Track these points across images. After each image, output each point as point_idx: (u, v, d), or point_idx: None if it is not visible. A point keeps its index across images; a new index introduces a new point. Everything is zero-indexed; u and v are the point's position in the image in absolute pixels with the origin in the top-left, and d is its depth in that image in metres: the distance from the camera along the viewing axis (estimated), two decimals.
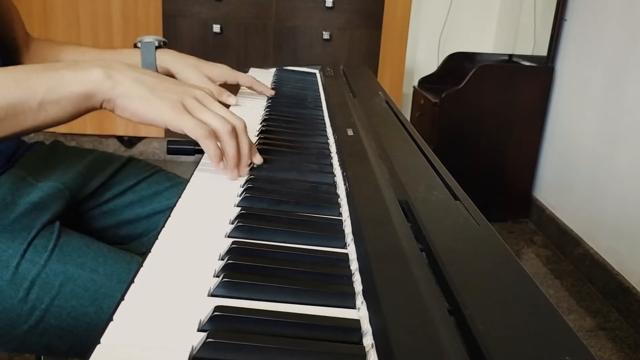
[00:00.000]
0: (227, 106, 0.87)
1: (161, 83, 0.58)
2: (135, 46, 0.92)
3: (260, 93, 1.02)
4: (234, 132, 0.60)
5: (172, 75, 0.93)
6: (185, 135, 0.61)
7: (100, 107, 0.57)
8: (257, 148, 0.68)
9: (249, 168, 0.63)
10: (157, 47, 0.92)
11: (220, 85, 0.95)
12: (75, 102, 0.55)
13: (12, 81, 0.53)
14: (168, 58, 0.92)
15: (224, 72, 0.96)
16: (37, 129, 0.56)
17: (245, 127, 0.62)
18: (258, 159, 0.65)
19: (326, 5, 2.55)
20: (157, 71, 0.90)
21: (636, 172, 1.76)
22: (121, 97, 0.56)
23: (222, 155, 0.60)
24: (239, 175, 0.62)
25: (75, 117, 0.57)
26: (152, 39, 0.92)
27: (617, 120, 1.89)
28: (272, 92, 1.04)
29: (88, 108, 0.57)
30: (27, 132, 0.56)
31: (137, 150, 2.90)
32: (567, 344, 0.33)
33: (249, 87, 1.01)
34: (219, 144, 0.59)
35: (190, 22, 2.54)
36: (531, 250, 2.22)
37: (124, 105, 0.56)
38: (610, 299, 1.86)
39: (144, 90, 0.56)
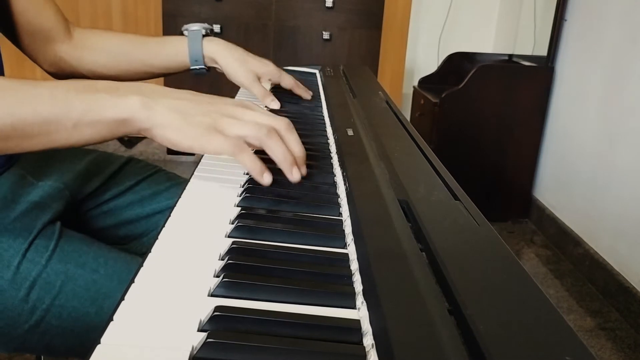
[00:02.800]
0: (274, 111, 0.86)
1: (194, 107, 0.57)
2: (182, 34, 0.92)
3: (299, 95, 1.01)
4: (274, 132, 0.57)
5: (218, 66, 0.92)
6: None
7: (138, 133, 0.57)
8: (257, 148, 0.68)
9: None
10: (204, 36, 0.91)
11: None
12: (110, 126, 0.54)
13: (49, 98, 0.52)
14: (215, 48, 0.91)
15: (269, 71, 0.95)
16: (70, 147, 0.56)
17: (290, 124, 0.59)
18: (304, 170, 0.61)
19: (326, 5, 2.55)
20: (203, 60, 0.91)
21: (636, 172, 1.76)
22: (157, 127, 0.55)
23: (263, 166, 0.57)
24: (302, 175, 0.59)
25: (108, 140, 0.57)
26: (198, 27, 0.91)
27: (617, 120, 1.89)
28: (310, 95, 1.03)
29: (124, 133, 0.56)
30: (60, 148, 0.55)
31: (137, 150, 2.90)
32: (567, 344, 0.33)
33: (290, 89, 1.00)
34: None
35: (190, 22, 2.54)
36: (531, 250, 2.22)
37: (161, 135, 0.56)
38: (610, 299, 1.86)
39: (177, 119, 0.55)
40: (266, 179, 0.57)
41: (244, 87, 0.94)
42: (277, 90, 1.08)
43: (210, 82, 2.31)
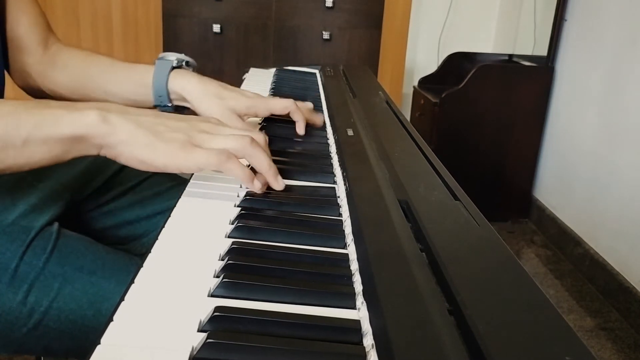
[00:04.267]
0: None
1: (163, 122, 0.53)
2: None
3: (310, 120, 0.83)
4: (255, 142, 0.55)
5: (189, 105, 0.79)
6: None
7: (99, 155, 0.53)
8: None
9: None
10: (174, 67, 0.78)
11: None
12: (64, 144, 0.50)
13: None
14: (184, 83, 0.76)
15: (252, 105, 0.77)
16: (21, 169, 0.52)
17: (266, 137, 0.58)
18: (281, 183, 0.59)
19: (326, 5, 2.55)
20: (169, 99, 0.78)
21: (636, 172, 1.76)
22: (122, 144, 0.51)
23: (252, 174, 0.55)
24: (284, 185, 0.58)
25: (64, 160, 0.53)
26: (173, 57, 0.79)
27: (617, 120, 1.89)
28: (315, 123, 0.84)
29: (81, 152, 0.52)
30: (9, 171, 0.52)
31: None
32: (567, 344, 0.33)
33: (286, 114, 0.80)
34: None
35: (190, 22, 2.54)
36: (531, 250, 2.22)
37: (128, 153, 0.52)
38: (610, 299, 1.86)
39: (147, 135, 0.51)
40: (257, 185, 0.56)
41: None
42: (277, 94, 1.08)
43: (211, 72, 2.31)
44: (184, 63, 0.81)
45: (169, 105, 0.79)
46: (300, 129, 0.80)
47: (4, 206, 0.67)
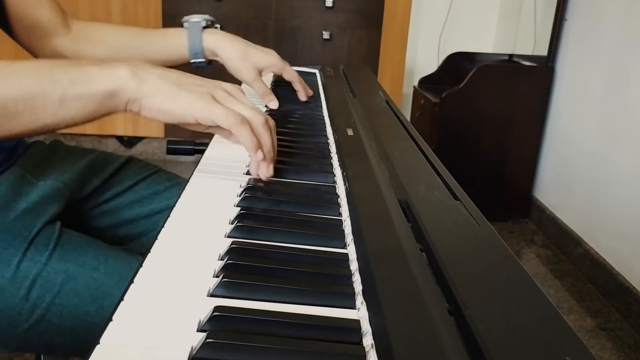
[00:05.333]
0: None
1: (188, 79, 0.56)
2: (182, 26, 0.90)
3: (298, 91, 1.00)
4: (268, 125, 0.58)
5: (219, 59, 0.90)
6: (186, 135, 0.59)
7: (125, 110, 0.55)
8: None
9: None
10: (204, 27, 0.88)
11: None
12: (98, 99, 0.53)
13: (33, 73, 0.51)
14: (215, 40, 0.88)
15: (272, 62, 0.93)
16: (55, 128, 0.54)
17: (275, 129, 0.61)
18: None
19: (326, 5, 2.55)
20: (203, 53, 0.88)
21: (636, 172, 1.76)
22: (147, 96, 0.54)
23: (259, 144, 0.57)
24: (271, 174, 0.60)
25: (95, 118, 0.54)
26: (199, 18, 0.88)
27: (617, 120, 1.89)
28: (306, 95, 1.00)
29: (111, 108, 0.54)
30: (45, 129, 0.53)
31: (136, 150, 2.90)
32: (568, 344, 0.33)
33: (291, 82, 0.99)
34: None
35: None
36: (531, 250, 2.22)
37: (150, 104, 0.54)
38: (610, 299, 1.86)
39: (170, 86, 0.54)
40: (259, 155, 0.57)
41: (246, 83, 0.93)
42: (279, 87, 1.08)
43: (212, 70, 2.30)
44: (210, 22, 0.90)
45: (204, 60, 0.89)
46: (302, 96, 0.99)
47: (6, 203, 0.67)
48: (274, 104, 0.91)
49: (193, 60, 0.89)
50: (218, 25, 2.51)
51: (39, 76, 0.51)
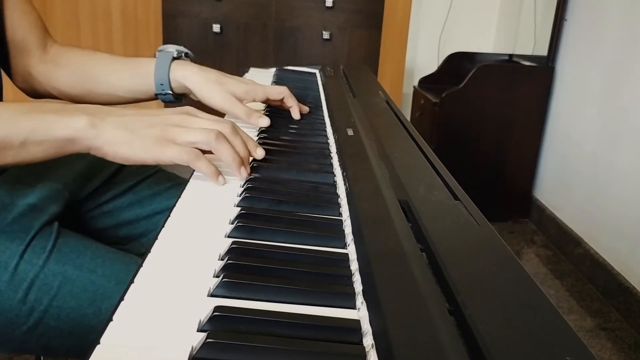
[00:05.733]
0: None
1: (141, 120, 0.58)
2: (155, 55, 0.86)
3: (291, 107, 0.88)
4: (221, 136, 0.59)
5: (190, 93, 0.83)
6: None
7: (89, 152, 0.58)
8: None
9: (250, 165, 0.63)
10: (175, 58, 0.82)
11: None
12: (57, 145, 0.56)
13: None
14: (185, 72, 0.80)
15: (250, 89, 0.83)
16: (18, 165, 0.57)
17: (234, 126, 0.62)
18: (259, 153, 0.65)
19: (326, 5, 2.55)
20: (170, 88, 0.81)
21: (636, 172, 1.76)
22: (107, 145, 0.57)
23: (217, 171, 0.60)
24: (247, 175, 0.62)
25: (57, 157, 0.58)
26: (173, 49, 0.83)
27: (617, 120, 1.89)
28: (304, 111, 0.91)
29: (72, 151, 0.57)
30: (6, 166, 0.58)
31: None
32: (568, 344, 0.33)
33: (280, 101, 0.88)
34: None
35: (190, 22, 2.54)
36: (531, 250, 2.22)
37: (111, 152, 0.57)
38: (610, 299, 1.86)
39: (125, 134, 0.57)
40: (221, 180, 0.61)
41: (224, 111, 0.82)
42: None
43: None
44: (183, 54, 0.85)
45: (170, 93, 0.82)
46: (296, 114, 0.88)
47: (3, 205, 0.67)
48: (264, 122, 0.80)
49: (158, 92, 0.82)
50: (218, 28, 2.51)
51: (1, 121, 0.54)
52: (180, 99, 0.85)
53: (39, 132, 0.55)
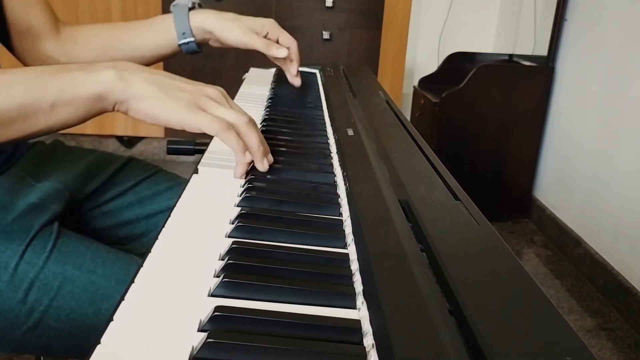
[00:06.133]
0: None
1: (173, 83, 0.57)
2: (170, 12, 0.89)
3: (291, 62, 0.97)
4: (252, 123, 0.59)
5: (211, 36, 0.88)
6: (186, 135, 0.60)
7: (113, 109, 0.56)
8: None
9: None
10: (190, 9, 0.87)
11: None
12: (87, 103, 0.54)
13: (22, 82, 0.52)
14: (203, 17, 0.87)
15: (266, 24, 0.92)
16: (49, 132, 0.56)
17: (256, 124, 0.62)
18: (270, 158, 0.64)
19: (326, 5, 2.55)
20: (192, 35, 0.86)
21: (636, 172, 1.76)
22: (134, 99, 0.55)
23: (245, 147, 0.59)
24: (267, 167, 0.62)
25: (86, 119, 0.56)
26: (187, 0, 0.87)
27: (617, 120, 1.89)
28: (298, 82, 1.00)
29: (100, 110, 0.56)
30: (39, 134, 0.55)
31: (137, 150, 2.90)
32: (568, 344, 0.33)
33: (287, 47, 0.95)
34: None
35: None
36: (531, 250, 2.22)
37: (137, 107, 0.55)
38: (610, 299, 1.86)
39: (156, 91, 0.55)
40: (247, 157, 0.59)
41: (243, 45, 0.89)
42: (279, 88, 1.08)
43: (211, 71, 2.30)
44: (197, 4, 0.89)
45: (192, 40, 0.87)
46: (294, 71, 0.98)
47: (3, 205, 0.67)
48: (283, 52, 0.89)
49: (181, 42, 0.87)
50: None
51: (28, 86, 0.52)
52: (201, 48, 0.89)
53: (68, 91, 0.53)
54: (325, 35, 2.59)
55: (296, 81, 0.99)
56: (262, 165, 0.61)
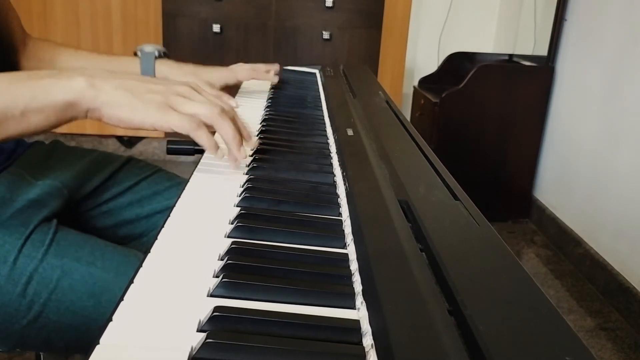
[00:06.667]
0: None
1: (143, 85, 0.58)
2: (135, 54, 0.91)
3: (266, 79, 1.04)
4: (224, 113, 0.59)
5: None
6: (186, 136, 0.60)
7: (86, 117, 0.57)
8: (257, 148, 0.68)
9: (252, 149, 0.63)
10: (156, 57, 0.90)
11: (222, 88, 0.95)
12: (58, 110, 0.55)
13: None
14: (166, 69, 0.91)
15: (222, 75, 0.97)
16: (20, 136, 0.56)
17: (234, 109, 0.62)
18: (254, 140, 0.64)
19: (326, 5, 2.55)
20: None
21: (636, 172, 1.76)
22: (105, 106, 0.55)
23: (216, 143, 0.59)
24: (245, 155, 0.62)
25: (57, 126, 0.56)
26: (152, 48, 0.89)
27: (617, 120, 1.89)
28: (276, 79, 1.06)
29: (71, 117, 0.56)
30: (8, 139, 0.56)
31: (136, 150, 2.90)
32: (568, 344, 0.33)
33: (255, 78, 1.03)
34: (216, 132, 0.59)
35: (190, 22, 2.54)
36: (531, 250, 2.22)
37: (110, 113, 0.56)
38: (610, 299, 1.86)
39: (126, 96, 0.56)
40: (219, 153, 0.60)
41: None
42: (280, 94, 1.08)
43: None
44: (162, 53, 0.92)
45: None
46: (273, 78, 1.06)
47: (2, 201, 0.67)
48: (232, 102, 0.89)
49: None
50: (218, 28, 2.51)
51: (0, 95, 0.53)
52: None
53: (39, 99, 0.54)
54: (325, 35, 2.59)
55: (273, 78, 1.06)
56: (239, 154, 0.61)
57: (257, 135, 0.79)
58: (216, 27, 2.53)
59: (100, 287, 0.63)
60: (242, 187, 0.59)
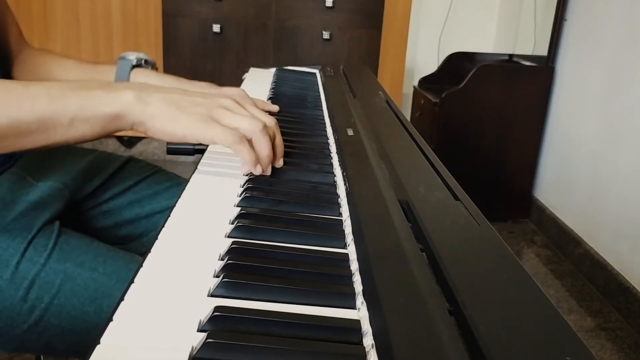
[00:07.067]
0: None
1: (189, 99, 0.59)
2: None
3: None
4: (266, 129, 0.60)
5: None
6: None
7: (131, 128, 0.58)
8: None
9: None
10: (135, 66, 0.82)
11: None
12: (104, 121, 0.56)
13: (46, 96, 0.54)
14: (142, 79, 0.82)
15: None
16: (64, 144, 0.57)
17: (277, 124, 0.63)
18: (281, 163, 0.64)
19: (326, 5, 2.55)
20: None
21: (636, 172, 1.76)
22: (151, 119, 0.56)
23: (257, 158, 0.60)
24: (279, 166, 0.63)
25: (102, 136, 0.58)
26: (133, 56, 0.83)
27: (617, 120, 1.89)
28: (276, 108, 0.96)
29: (116, 128, 0.57)
30: (53, 146, 0.57)
31: (136, 150, 2.90)
32: (568, 344, 0.33)
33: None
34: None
35: (190, 22, 2.54)
36: (531, 250, 2.22)
37: (155, 126, 0.57)
38: (610, 299, 1.86)
39: (171, 109, 0.57)
40: (259, 169, 0.60)
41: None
42: (280, 94, 1.08)
43: (211, 71, 2.30)
44: (143, 61, 0.85)
45: None
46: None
47: (4, 204, 0.67)
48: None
49: None
50: (218, 28, 2.51)
51: (51, 99, 0.54)
52: None
53: (87, 109, 0.55)
54: (325, 35, 2.59)
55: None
56: (265, 172, 0.62)
57: None
58: (216, 27, 2.54)
59: (102, 293, 0.64)
60: (242, 187, 0.59)
